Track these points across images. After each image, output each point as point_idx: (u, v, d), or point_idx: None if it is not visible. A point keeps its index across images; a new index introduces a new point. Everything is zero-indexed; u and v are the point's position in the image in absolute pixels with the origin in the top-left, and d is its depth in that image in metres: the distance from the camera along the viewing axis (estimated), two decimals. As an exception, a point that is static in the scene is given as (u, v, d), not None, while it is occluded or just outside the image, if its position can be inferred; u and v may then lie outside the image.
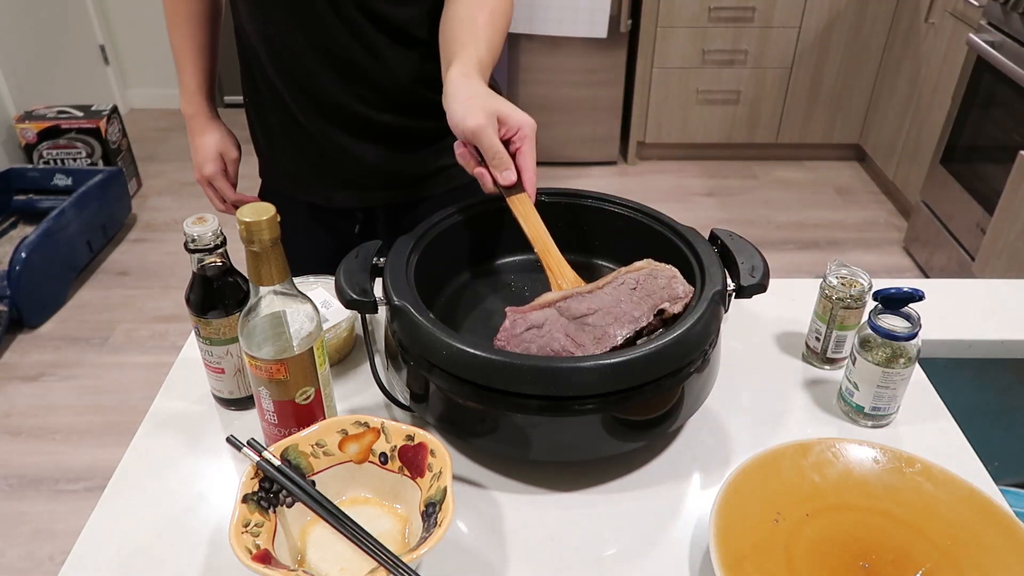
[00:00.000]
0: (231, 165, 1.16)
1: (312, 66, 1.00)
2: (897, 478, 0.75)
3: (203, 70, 1.13)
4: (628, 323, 0.77)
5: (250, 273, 0.68)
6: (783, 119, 3.24)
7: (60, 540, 1.76)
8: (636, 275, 0.81)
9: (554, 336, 0.76)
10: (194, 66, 1.12)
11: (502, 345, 0.76)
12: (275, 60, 1.03)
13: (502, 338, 0.77)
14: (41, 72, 3.17)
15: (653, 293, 0.80)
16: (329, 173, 1.10)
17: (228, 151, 1.15)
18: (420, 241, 0.86)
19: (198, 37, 1.11)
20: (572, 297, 0.80)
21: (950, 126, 2.49)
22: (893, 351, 0.80)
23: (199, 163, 1.14)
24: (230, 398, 0.86)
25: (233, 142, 1.16)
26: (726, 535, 0.67)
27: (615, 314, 0.78)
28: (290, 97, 1.05)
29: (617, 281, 0.81)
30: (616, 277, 0.82)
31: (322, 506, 0.67)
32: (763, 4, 2.97)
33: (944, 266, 2.54)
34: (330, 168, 1.10)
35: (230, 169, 1.16)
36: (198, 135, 1.14)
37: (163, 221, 2.98)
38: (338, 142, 1.07)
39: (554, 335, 0.76)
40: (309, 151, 1.09)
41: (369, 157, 1.08)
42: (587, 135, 3.24)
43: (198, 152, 1.14)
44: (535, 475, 0.78)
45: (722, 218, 3.00)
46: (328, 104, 1.04)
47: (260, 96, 1.09)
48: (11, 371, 2.25)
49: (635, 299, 0.79)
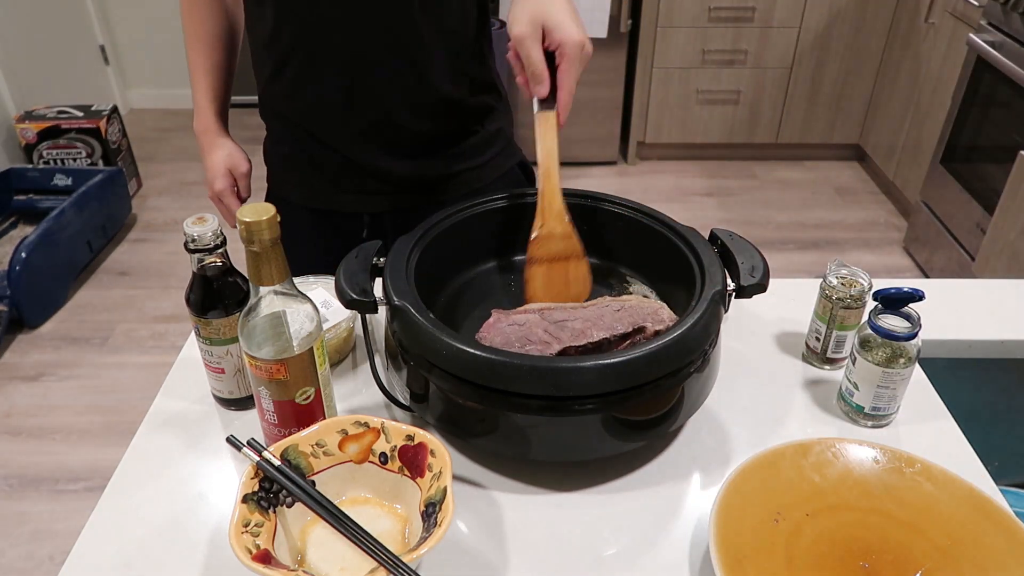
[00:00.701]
0: (241, 179, 1.15)
1: (355, 82, 1.00)
2: (897, 478, 0.75)
3: (216, 89, 1.13)
4: (606, 329, 0.78)
5: (250, 273, 0.68)
6: (783, 119, 3.24)
7: (60, 540, 1.76)
8: (622, 302, 0.83)
9: (533, 331, 0.78)
10: (207, 84, 1.12)
11: (482, 336, 0.78)
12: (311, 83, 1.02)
13: (483, 330, 0.79)
14: (41, 72, 3.17)
15: (636, 314, 0.81)
16: (349, 186, 1.10)
17: (237, 166, 1.14)
18: (420, 241, 0.86)
19: (213, 57, 1.12)
20: (555, 309, 0.82)
21: (950, 126, 2.49)
22: (893, 351, 0.80)
23: (210, 180, 1.15)
24: (230, 398, 0.86)
25: (242, 156, 1.15)
26: (726, 535, 0.67)
27: (594, 322, 0.79)
28: (320, 119, 1.05)
29: (603, 303, 0.83)
30: (602, 301, 0.84)
31: (322, 506, 0.67)
32: (763, 4, 2.97)
33: (944, 266, 2.54)
34: (351, 181, 1.09)
35: (240, 184, 1.15)
36: (208, 152, 1.14)
37: (163, 221, 2.99)
38: (368, 156, 1.06)
39: (533, 330, 0.78)
40: (329, 167, 1.09)
41: (397, 168, 1.07)
42: (587, 135, 3.24)
43: (209, 169, 1.15)
44: (535, 475, 0.78)
45: (722, 218, 3.00)
46: (367, 123, 1.04)
47: (279, 122, 1.10)
48: (11, 371, 2.25)
49: (618, 316, 0.80)
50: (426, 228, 0.88)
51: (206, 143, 1.14)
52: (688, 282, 0.83)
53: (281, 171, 1.15)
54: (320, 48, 0.98)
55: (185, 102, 3.84)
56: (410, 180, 1.09)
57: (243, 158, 1.15)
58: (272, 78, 1.05)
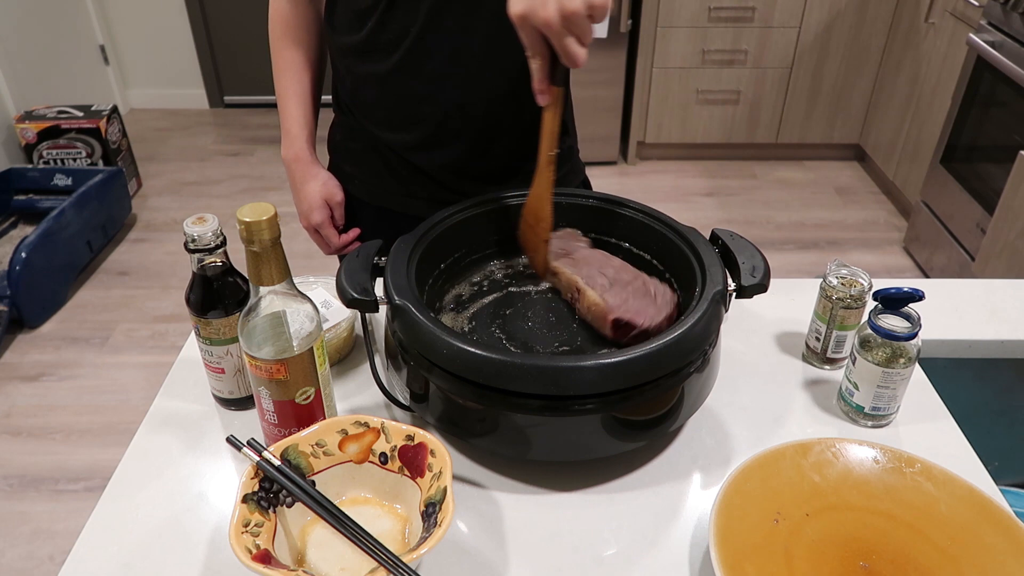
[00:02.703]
0: (336, 208, 1.14)
1: (453, 103, 1.01)
2: (897, 478, 0.75)
3: (307, 115, 1.13)
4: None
5: (250, 273, 0.68)
6: (783, 119, 3.24)
7: (60, 540, 1.76)
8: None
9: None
10: (298, 112, 1.12)
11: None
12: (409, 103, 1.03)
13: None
14: (41, 72, 3.17)
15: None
16: (419, 192, 1.10)
17: (333, 195, 1.13)
18: (421, 240, 0.86)
19: (303, 83, 1.12)
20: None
21: (950, 126, 2.49)
22: (893, 351, 0.80)
23: (305, 211, 1.14)
24: (230, 398, 0.86)
25: (337, 185, 1.14)
26: (726, 535, 0.67)
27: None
28: (411, 147, 1.06)
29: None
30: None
31: (322, 506, 0.67)
32: (763, 4, 2.97)
33: (944, 266, 2.54)
34: (422, 188, 1.09)
35: (336, 213, 1.15)
36: (301, 182, 1.13)
37: (163, 221, 2.99)
38: (445, 175, 1.07)
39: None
40: (402, 172, 1.09)
41: (470, 188, 1.06)
42: (587, 135, 3.23)
43: (303, 201, 1.13)
44: (535, 475, 0.78)
45: (722, 218, 3.00)
46: (454, 156, 1.04)
47: (354, 119, 1.10)
48: (11, 371, 2.25)
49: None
50: (427, 228, 0.88)
51: (298, 172, 1.13)
52: (689, 282, 0.83)
53: (350, 165, 1.14)
54: (432, 86, 0.98)
55: (185, 102, 3.85)
56: (481, 195, 1.10)
57: (337, 187, 1.14)
58: (365, 83, 1.05)
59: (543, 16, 0.68)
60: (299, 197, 1.14)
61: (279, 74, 1.12)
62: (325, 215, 1.13)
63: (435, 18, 0.94)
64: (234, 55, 3.72)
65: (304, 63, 1.11)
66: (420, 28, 0.95)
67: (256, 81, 3.75)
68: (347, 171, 1.15)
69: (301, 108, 1.12)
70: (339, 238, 1.17)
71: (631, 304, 0.81)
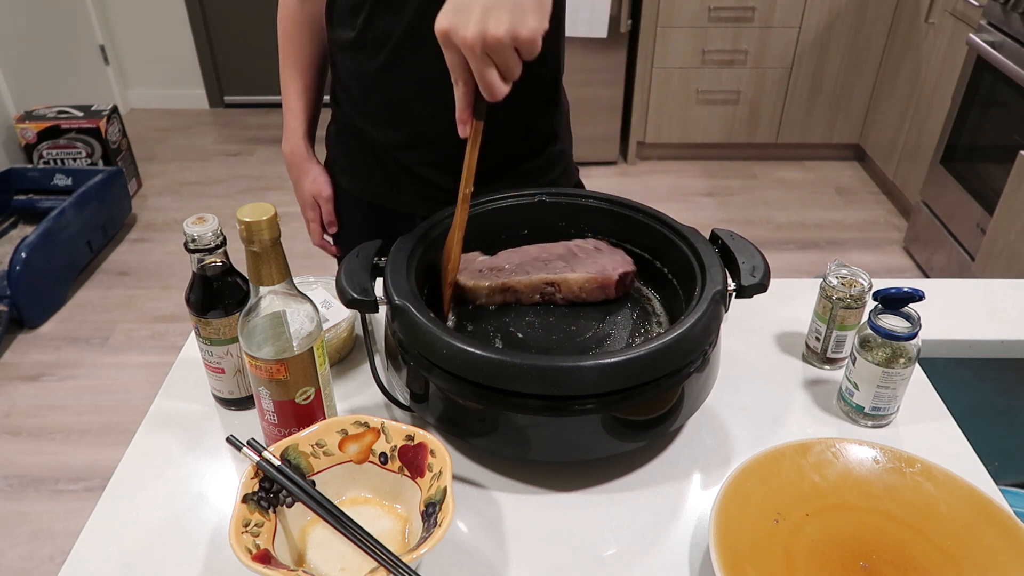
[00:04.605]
0: (324, 204, 1.17)
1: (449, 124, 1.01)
2: (897, 478, 0.75)
3: (307, 111, 1.16)
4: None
5: (250, 273, 0.68)
6: (783, 119, 3.24)
7: (60, 540, 1.76)
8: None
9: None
10: (298, 107, 1.14)
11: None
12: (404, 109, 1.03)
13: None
14: (41, 72, 3.17)
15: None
16: (408, 189, 1.10)
17: (320, 192, 1.16)
18: (421, 240, 0.86)
19: (305, 78, 1.14)
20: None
21: (950, 126, 2.49)
22: (893, 351, 0.80)
23: (300, 204, 1.20)
24: (230, 398, 0.86)
25: (325, 181, 1.17)
26: (726, 535, 0.67)
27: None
28: (402, 145, 1.06)
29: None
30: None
31: (322, 506, 0.67)
32: (763, 4, 2.97)
33: (944, 266, 2.54)
34: (411, 184, 1.10)
35: (324, 208, 1.18)
36: (297, 180, 1.18)
37: (163, 221, 2.99)
38: (433, 173, 1.07)
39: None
40: (391, 168, 1.09)
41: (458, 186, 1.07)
42: (587, 135, 3.24)
43: (298, 197, 1.19)
44: (535, 475, 0.78)
45: (722, 218, 3.00)
46: (444, 154, 1.03)
47: (347, 115, 1.10)
48: (11, 371, 2.25)
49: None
50: (426, 228, 0.88)
51: (294, 168, 1.17)
52: (689, 282, 0.83)
53: (343, 161, 1.16)
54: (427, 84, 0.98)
55: (185, 102, 3.85)
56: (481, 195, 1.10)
57: (326, 183, 1.16)
58: (356, 79, 1.05)
59: (463, 36, 0.65)
60: (295, 191, 1.19)
61: (283, 69, 1.14)
62: (315, 214, 1.18)
63: (422, 17, 0.94)
64: (234, 55, 3.72)
65: (307, 59, 1.13)
66: (407, 26, 0.96)
67: (256, 81, 3.75)
68: (341, 165, 1.16)
69: (301, 103, 1.14)
70: (320, 238, 1.21)
71: (605, 260, 0.89)
